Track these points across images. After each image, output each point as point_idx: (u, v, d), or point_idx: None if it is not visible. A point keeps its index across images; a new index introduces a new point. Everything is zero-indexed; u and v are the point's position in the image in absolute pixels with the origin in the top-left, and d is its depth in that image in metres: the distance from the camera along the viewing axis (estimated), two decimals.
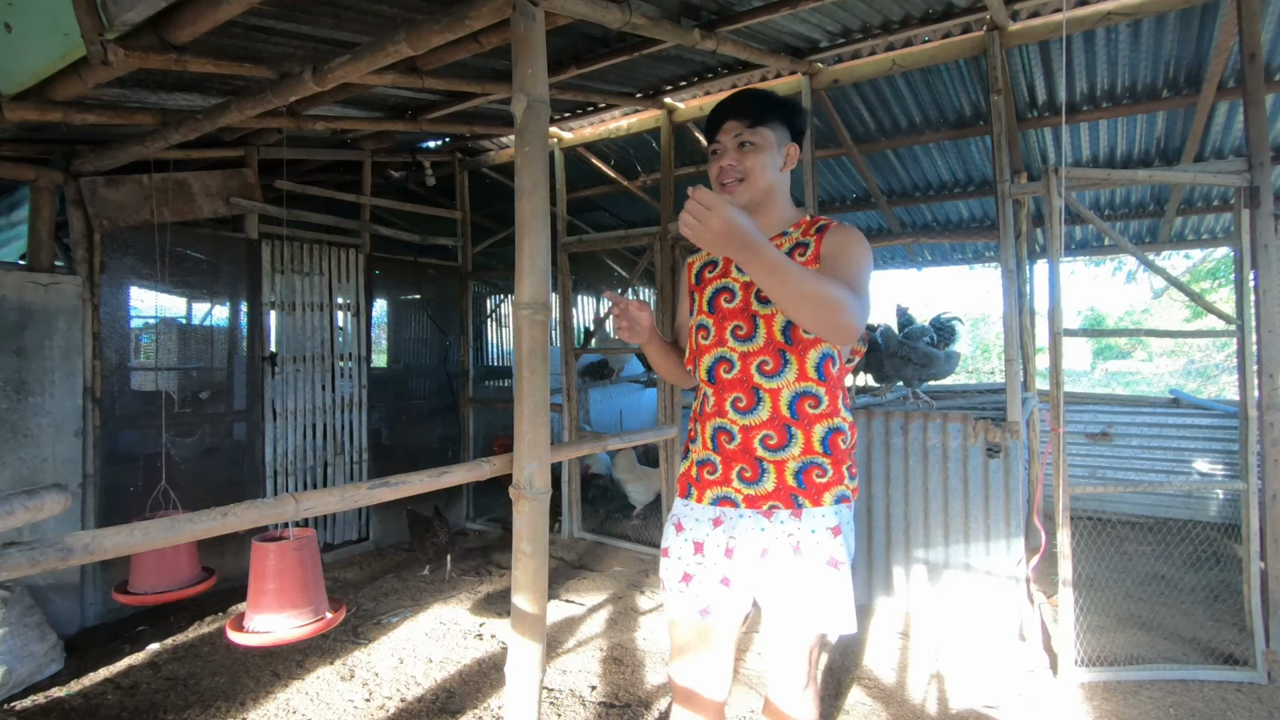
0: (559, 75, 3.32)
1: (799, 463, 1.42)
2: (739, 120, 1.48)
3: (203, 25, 2.07)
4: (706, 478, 1.51)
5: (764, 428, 1.43)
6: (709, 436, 1.51)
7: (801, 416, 1.42)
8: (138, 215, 3.53)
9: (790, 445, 1.42)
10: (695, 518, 1.53)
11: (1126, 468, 4.95)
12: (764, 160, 1.47)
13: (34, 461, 3.14)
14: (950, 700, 2.57)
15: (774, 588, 1.44)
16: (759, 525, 1.45)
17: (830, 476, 1.43)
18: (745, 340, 1.46)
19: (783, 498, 1.43)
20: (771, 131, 1.48)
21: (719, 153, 1.51)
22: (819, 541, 1.41)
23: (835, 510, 1.43)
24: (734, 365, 1.47)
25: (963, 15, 3.06)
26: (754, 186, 1.47)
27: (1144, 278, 13.56)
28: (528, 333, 1.82)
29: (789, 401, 1.42)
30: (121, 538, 1.11)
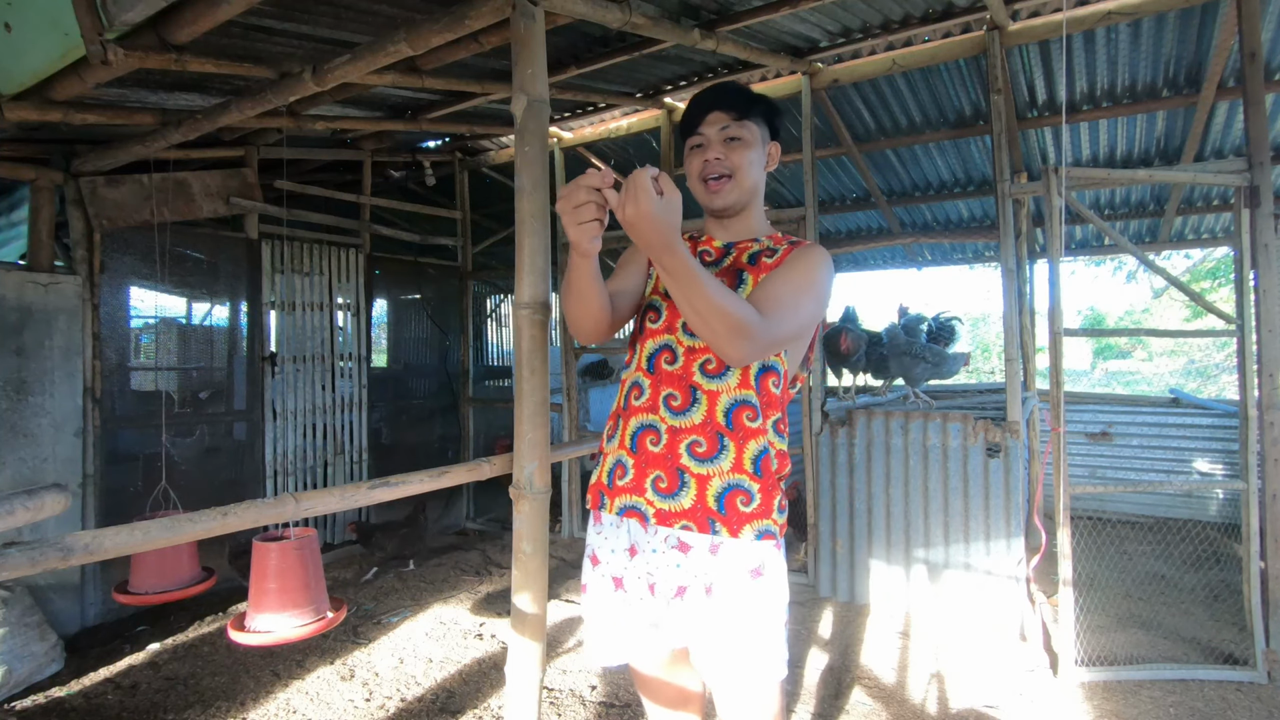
0: (559, 75, 3.32)
1: (725, 481, 1.25)
2: (725, 112, 1.36)
3: (203, 25, 2.06)
4: (618, 482, 1.32)
5: (694, 432, 1.27)
6: (630, 434, 1.33)
7: (737, 427, 1.26)
8: (138, 215, 3.53)
9: (719, 458, 1.25)
10: (610, 548, 1.35)
11: (1126, 467, 4.95)
12: (751, 157, 1.36)
13: (34, 461, 3.14)
14: (950, 700, 2.57)
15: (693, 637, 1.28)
16: (675, 560, 1.28)
17: (756, 505, 1.24)
18: (692, 333, 1.30)
19: (698, 519, 1.24)
20: (757, 126, 1.38)
21: (703, 145, 1.38)
22: (735, 585, 1.24)
23: (755, 547, 1.25)
24: (677, 358, 1.31)
25: (963, 15, 3.06)
26: (741, 185, 1.36)
27: (1144, 277, 13.57)
28: (528, 332, 1.82)
29: (726, 408, 1.27)
30: (122, 538, 1.11)
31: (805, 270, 1.30)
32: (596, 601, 1.38)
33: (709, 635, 1.26)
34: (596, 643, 1.40)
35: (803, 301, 1.27)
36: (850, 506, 3.55)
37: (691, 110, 1.40)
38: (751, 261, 1.37)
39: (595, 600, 1.38)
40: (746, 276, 1.35)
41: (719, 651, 1.25)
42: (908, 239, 5.08)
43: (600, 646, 1.39)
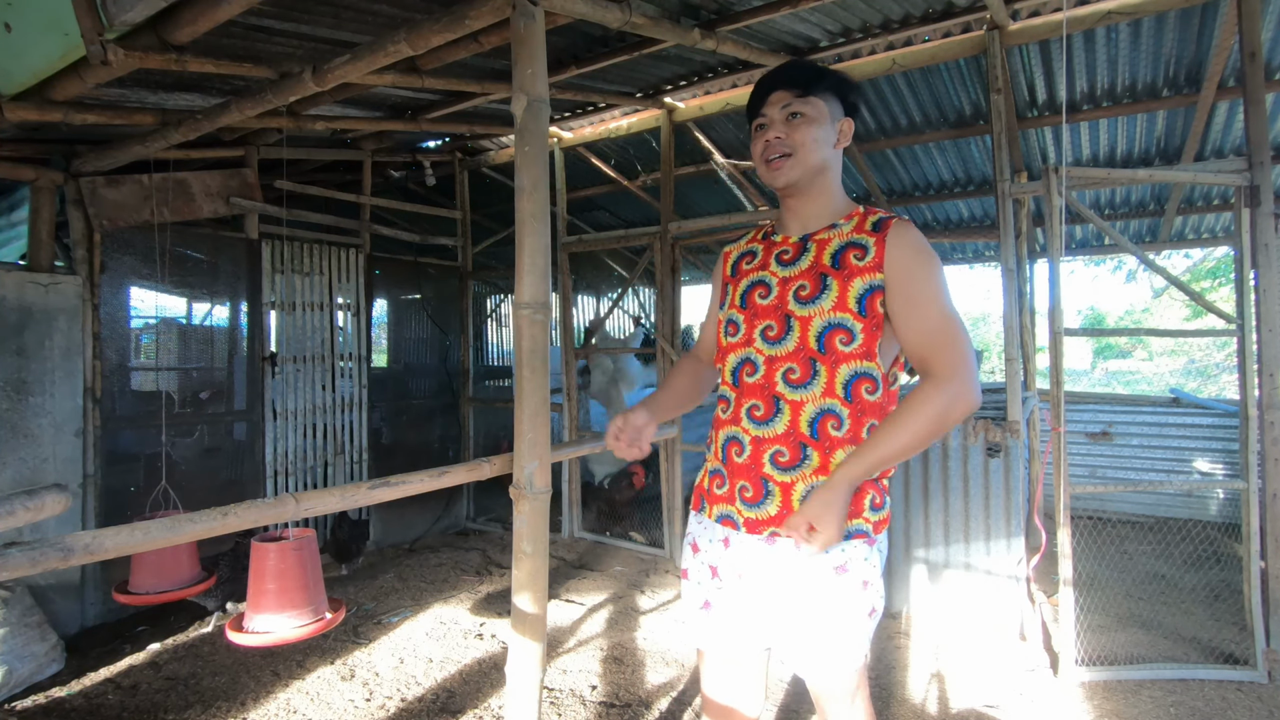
0: (559, 75, 3.32)
1: (808, 485, 1.26)
2: (787, 89, 1.33)
3: (203, 25, 2.06)
4: (715, 491, 1.39)
5: (777, 442, 1.28)
6: (721, 445, 1.38)
7: (822, 437, 1.26)
8: (138, 215, 3.53)
9: (802, 465, 1.27)
10: (709, 538, 1.41)
11: (1127, 467, 4.95)
12: (816, 134, 1.32)
13: (34, 461, 3.14)
14: (951, 700, 2.57)
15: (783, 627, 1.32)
16: (761, 554, 1.32)
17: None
18: (775, 343, 1.31)
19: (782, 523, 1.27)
20: (824, 102, 1.33)
21: (765, 126, 1.36)
22: (820, 581, 1.27)
23: (842, 547, 1.26)
24: (758, 369, 1.32)
25: (963, 14, 3.06)
26: (804, 163, 1.32)
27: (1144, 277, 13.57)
28: (528, 332, 1.82)
29: (811, 418, 1.27)
30: (122, 538, 1.11)
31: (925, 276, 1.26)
32: (694, 586, 1.45)
33: (794, 627, 1.30)
34: (692, 624, 1.46)
35: (946, 305, 1.25)
36: None
37: (756, 91, 1.39)
38: (835, 264, 1.30)
39: (693, 585, 1.45)
40: (831, 283, 1.29)
41: (803, 643, 1.30)
42: None
43: (695, 628, 1.45)
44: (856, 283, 1.27)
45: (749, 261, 1.45)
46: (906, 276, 1.25)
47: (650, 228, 4.42)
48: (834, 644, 1.28)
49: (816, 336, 1.28)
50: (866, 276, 1.26)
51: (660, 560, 4.25)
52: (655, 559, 4.28)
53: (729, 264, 1.51)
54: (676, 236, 4.31)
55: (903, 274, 1.26)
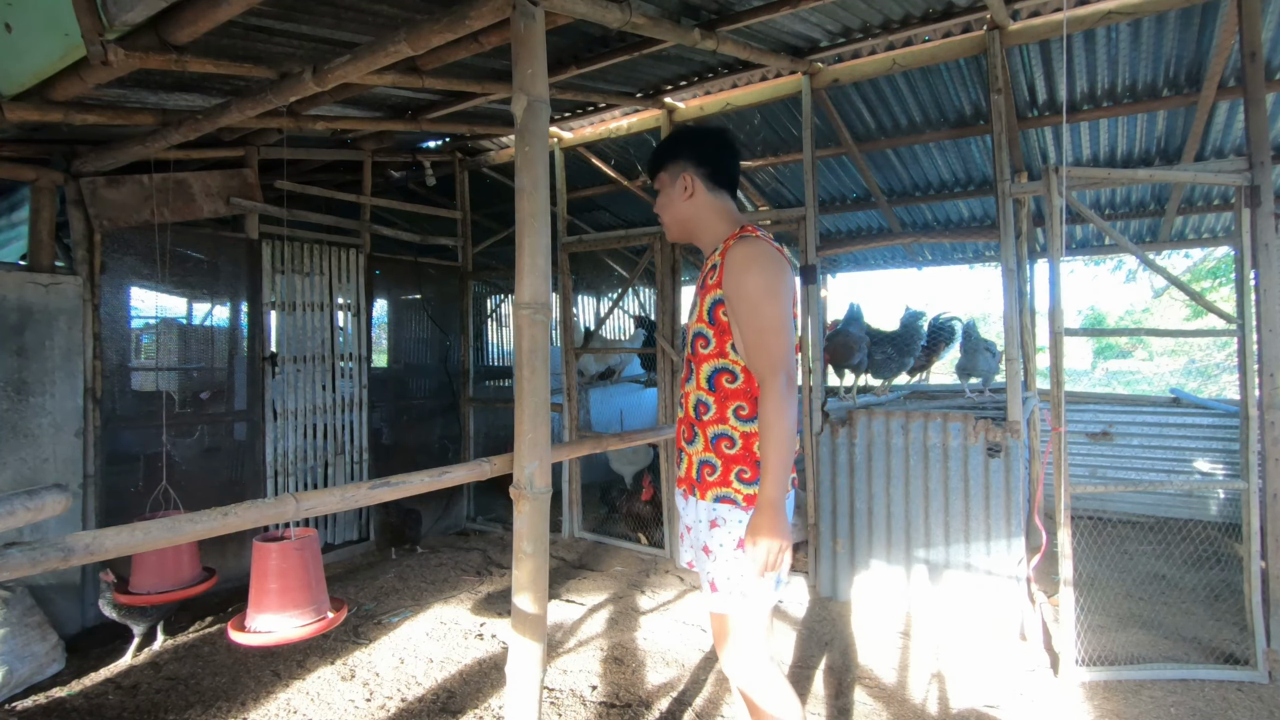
0: (559, 75, 3.32)
1: (698, 458, 1.66)
2: (648, 172, 1.79)
3: (203, 25, 2.07)
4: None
5: (683, 423, 1.73)
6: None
7: (700, 419, 1.66)
8: (138, 215, 3.53)
9: (694, 441, 1.68)
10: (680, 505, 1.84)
11: (1127, 467, 4.95)
12: (668, 197, 1.73)
13: (35, 462, 3.14)
14: (951, 700, 2.57)
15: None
16: (681, 506, 1.76)
17: (716, 476, 1.63)
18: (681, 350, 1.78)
19: (686, 484, 1.72)
20: (666, 174, 1.71)
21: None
22: (700, 530, 1.66)
23: (713, 506, 1.63)
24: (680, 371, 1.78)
25: (963, 14, 3.06)
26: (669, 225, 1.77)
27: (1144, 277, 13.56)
28: (528, 332, 1.83)
29: (693, 404, 1.68)
30: (123, 538, 1.11)
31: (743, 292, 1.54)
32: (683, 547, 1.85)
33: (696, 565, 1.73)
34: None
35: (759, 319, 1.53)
36: (850, 506, 3.55)
37: None
38: (701, 284, 1.68)
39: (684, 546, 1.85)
40: (698, 299, 1.68)
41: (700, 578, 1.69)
42: (908, 239, 5.07)
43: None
44: (708, 298, 1.62)
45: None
46: (733, 292, 1.56)
47: (650, 228, 4.42)
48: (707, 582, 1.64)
49: (689, 343, 1.70)
50: (714, 292, 1.61)
51: (660, 560, 4.25)
52: (655, 559, 4.28)
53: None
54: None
55: (731, 290, 1.57)
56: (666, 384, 4.26)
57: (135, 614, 2.92)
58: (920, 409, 3.62)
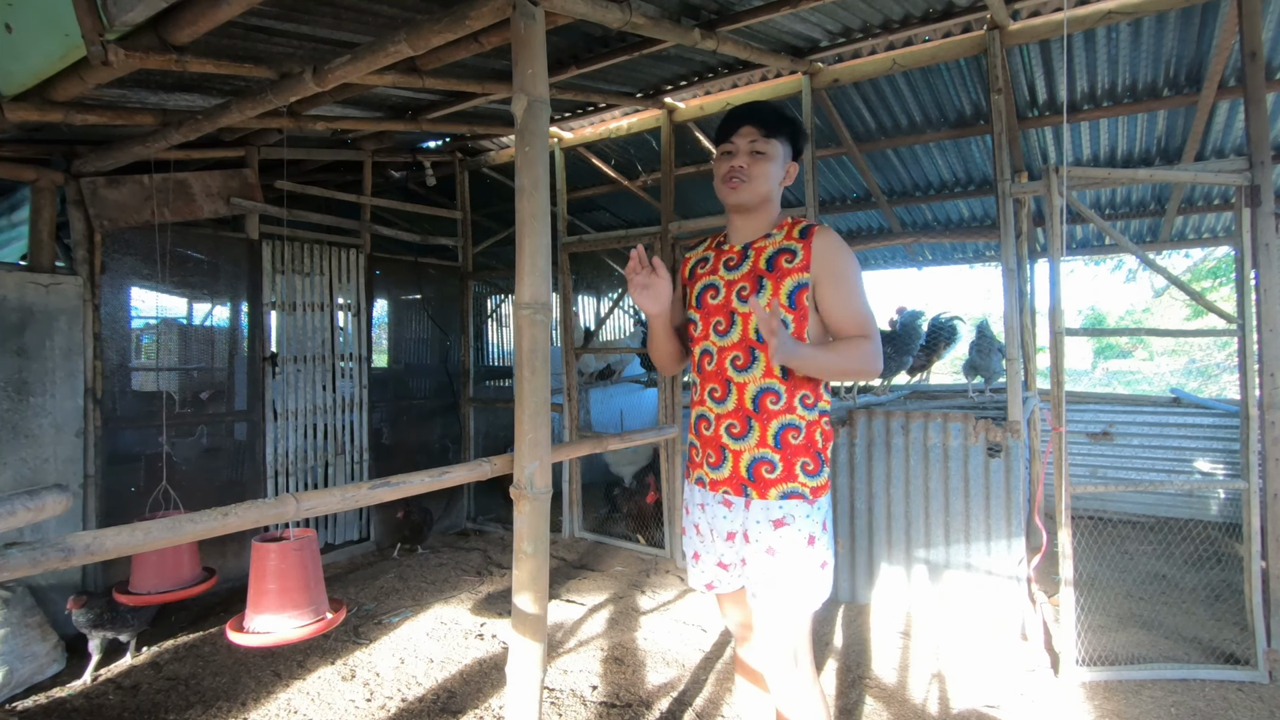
0: (559, 75, 3.32)
1: (752, 455, 1.56)
2: (755, 127, 1.59)
3: (203, 26, 2.07)
4: (694, 458, 1.69)
5: (730, 417, 1.58)
6: (693, 422, 1.69)
7: (762, 410, 1.55)
8: (138, 215, 3.53)
9: (747, 436, 1.56)
10: (692, 502, 1.73)
11: (1127, 467, 4.95)
12: (770, 170, 1.59)
13: (35, 462, 3.14)
14: (951, 700, 2.57)
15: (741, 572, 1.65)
16: (723, 513, 1.63)
17: (779, 472, 1.54)
18: (723, 335, 1.60)
19: (734, 485, 1.58)
20: (780, 145, 1.61)
21: (732, 153, 1.61)
22: (762, 531, 1.55)
23: (780, 505, 1.54)
24: (713, 358, 1.62)
25: (963, 14, 3.06)
26: (755, 191, 1.60)
27: (1144, 277, 13.56)
28: (528, 333, 1.82)
29: (753, 395, 1.56)
30: (123, 538, 1.11)
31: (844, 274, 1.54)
32: (687, 542, 1.76)
33: (749, 572, 1.59)
34: (690, 570, 1.77)
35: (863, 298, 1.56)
36: (851, 506, 3.55)
37: (727, 120, 1.63)
38: (769, 266, 1.58)
39: (689, 538, 1.76)
40: (766, 283, 1.57)
41: (756, 581, 1.56)
42: (908, 239, 5.08)
43: (691, 574, 1.77)
44: (787, 281, 1.55)
45: (703, 267, 1.72)
46: (829, 272, 1.54)
47: (651, 228, 4.42)
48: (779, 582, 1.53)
49: (755, 330, 1.56)
50: (795, 276, 1.54)
51: (661, 560, 4.25)
52: (655, 559, 4.28)
53: (687, 269, 1.78)
54: (677, 236, 4.31)
55: (826, 270, 1.54)
56: (667, 384, 4.26)
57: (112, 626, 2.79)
58: (920, 409, 3.62)
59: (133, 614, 2.87)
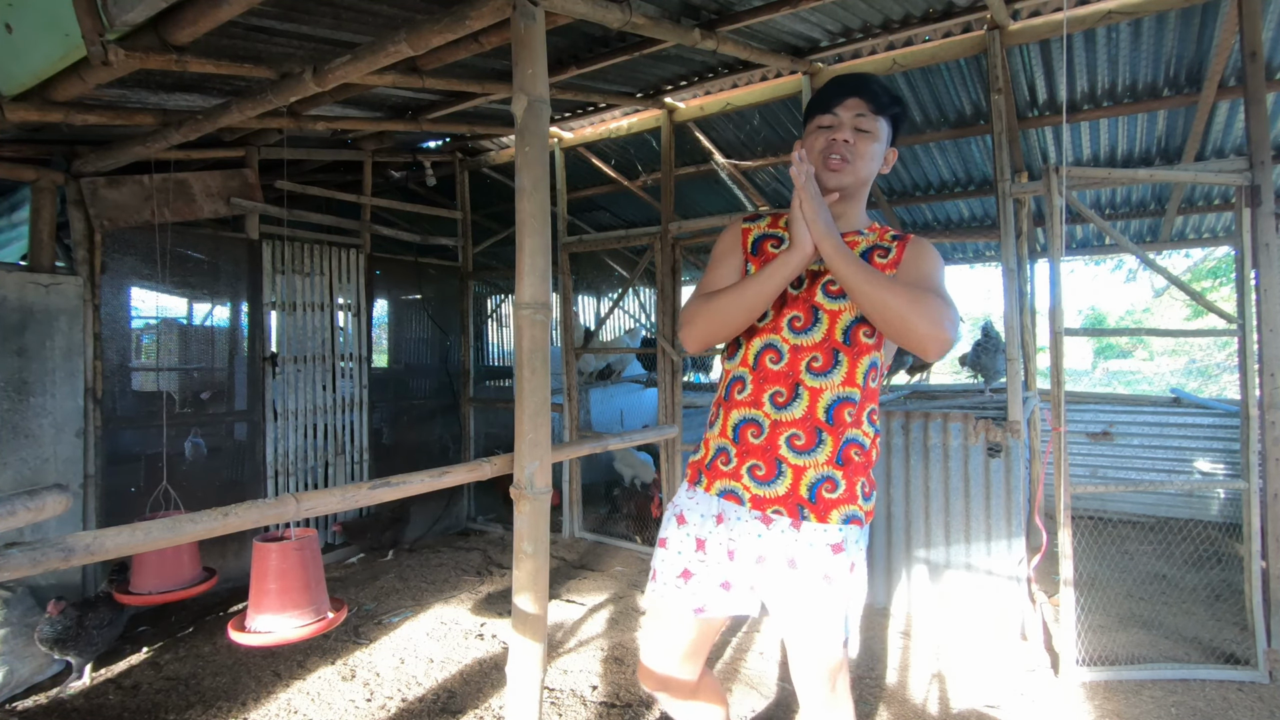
0: (559, 75, 3.32)
1: (818, 473, 1.35)
2: (865, 101, 1.40)
3: (203, 26, 2.07)
4: (720, 467, 1.43)
5: (795, 426, 1.36)
6: (733, 425, 1.42)
7: (837, 423, 1.36)
8: (138, 216, 3.53)
9: (816, 451, 1.35)
10: (700, 512, 1.46)
11: (1128, 467, 4.95)
12: (874, 150, 1.41)
13: (35, 462, 3.14)
14: (951, 700, 2.57)
15: (774, 602, 1.41)
16: (756, 531, 1.39)
17: (841, 492, 1.35)
18: (801, 332, 1.38)
19: (789, 506, 1.36)
20: (885, 126, 1.43)
21: (834, 126, 1.41)
22: (816, 556, 1.35)
23: (840, 529, 1.36)
24: (782, 356, 1.39)
25: (963, 14, 3.06)
26: (857, 173, 1.41)
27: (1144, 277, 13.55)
28: (528, 333, 1.82)
29: (828, 405, 1.36)
30: (123, 538, 1.11)
31: (934, 269, 1.39)
32: (673, 555, 1.49)
33: (790, 600, 1.38)
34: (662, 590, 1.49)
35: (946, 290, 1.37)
36: None
37: (831, 89, 1.43)
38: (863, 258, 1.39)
39: (672, 554, 1.49)
40: None
41: (796, 614, 1.38)
42: None
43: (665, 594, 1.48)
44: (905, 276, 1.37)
45: (775, 245, 1.47)
46: (915, 264, 1.39)
47: (651, 228, 4.42)
48: (822, 620, 1.36)
49: (844, 330, 1.37)
50: (889, 271, 1.38)
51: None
52: None
53: (749, 240, 1.52)
54: (677, 236, 4.31)
55: (912, 262, 1.39)
56: (667, 384, 4.26)
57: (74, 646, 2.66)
58: (920, 409, 3.62)
59: (100, 634, 2.70)
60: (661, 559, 1.51)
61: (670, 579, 1.48)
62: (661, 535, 1.53)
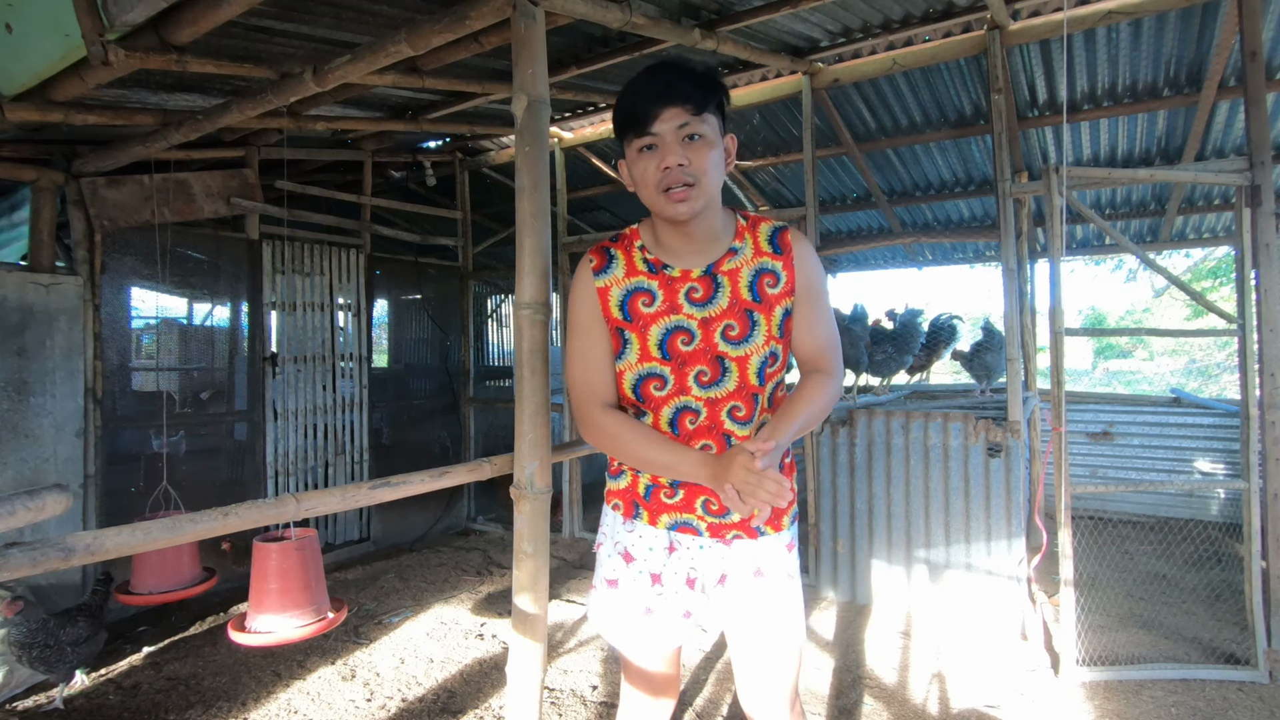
0: (559, 75, 3.32)
1: None
2: (682, 106, 1.18)
3: (203, 26, 2.07)
4: (664, 500, 1.36)
5: None
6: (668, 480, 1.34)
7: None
8: (138, 215, 3.53)
9: None
10: (648, 546, 1.37)
11: (1128, 467, 4.95)
12: (714, 157, 1.22)
13: (35, 462, 3.14)
14: (951, 700, 2.57)
15: (740, 615, 1.36)
16: (719, 553, 1.36)
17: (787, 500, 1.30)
18: (710, 385, 1.29)
19: (746, 528, 1.34)
20: (715, 118, 1.23)
21: (656, 148, 1.20)
22: (777, 561, 1.36)
23: (791, 530, 1.40)
24: (700, 414, 1.30)
25: (963, 14, 3.06)
26: (707, 192, 1.22)
27: (1145, 277, 13.57)
28: (528, 332, 1.82)
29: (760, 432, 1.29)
30: (123, 538, 1.11)
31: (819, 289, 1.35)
32: (630, 596, 1.38)
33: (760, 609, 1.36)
34: (626, 630, 1.40)
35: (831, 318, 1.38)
36: (851, 506, 3.55)
37: (638, 104, 1.20)
38: (755, 297, 1.29)
39: (628, 594, 1.39)
40: (758, 317, 1.29)
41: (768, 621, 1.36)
42: (908, 239, 5.07)
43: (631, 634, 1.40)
44: (777, 310, 1.31)
45: (647, 303, 1.29)
46: (811, 294, 1.34)
47: None
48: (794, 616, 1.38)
49: (756, 372, 1.30)
50: (784, 302, 1.32)
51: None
52: None
53: (612, 304, 1.31)
54: None
55: (807, 292, 1.34)
56: None
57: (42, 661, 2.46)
58: (920, 409, 3.62)
59: (75, 651, 2.49)
60: (615, 602, 1.39)
61: (634, 617, 1.38)
62: (609, 576, 1.40)
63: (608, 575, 1.41)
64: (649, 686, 1.47)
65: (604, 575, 1.42)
